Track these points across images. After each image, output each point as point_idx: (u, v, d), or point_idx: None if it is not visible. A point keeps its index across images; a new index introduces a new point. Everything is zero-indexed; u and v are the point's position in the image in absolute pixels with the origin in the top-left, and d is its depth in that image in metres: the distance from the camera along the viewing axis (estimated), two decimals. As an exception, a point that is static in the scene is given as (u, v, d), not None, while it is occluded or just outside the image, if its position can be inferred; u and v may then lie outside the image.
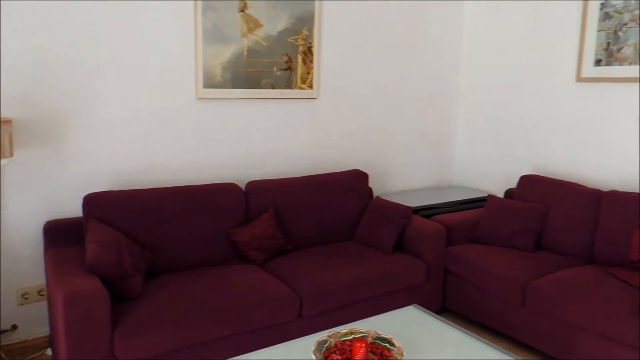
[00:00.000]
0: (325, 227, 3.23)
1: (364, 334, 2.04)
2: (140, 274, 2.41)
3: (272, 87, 3.27)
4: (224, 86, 3.10)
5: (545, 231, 3.19)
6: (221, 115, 3.16)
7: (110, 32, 2.74)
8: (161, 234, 2.70)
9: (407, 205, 3.26)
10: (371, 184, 3.83)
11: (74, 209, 2.78)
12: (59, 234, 2.62)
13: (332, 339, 2.00)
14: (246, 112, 3.24)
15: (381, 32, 3.73)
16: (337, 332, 2.04)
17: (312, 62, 3.39)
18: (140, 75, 2.86)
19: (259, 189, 3.07)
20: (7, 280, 2.67)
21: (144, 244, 2.64)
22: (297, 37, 3.30)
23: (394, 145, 3.98)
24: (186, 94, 3.02)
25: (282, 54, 3.27)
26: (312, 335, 2.14)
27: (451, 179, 4.38)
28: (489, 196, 3.45)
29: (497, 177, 4.00)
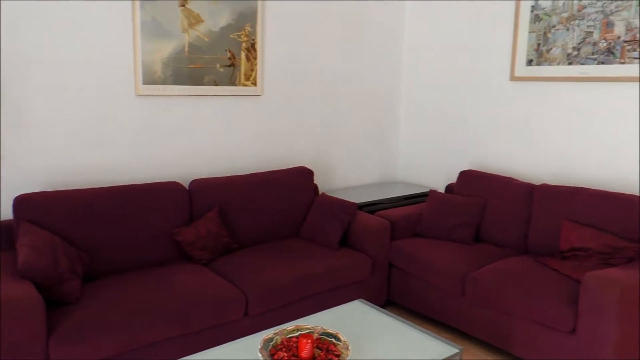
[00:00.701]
0: (271, 224, 3.23)
1: (310, 330, 2.05)
2: (77, 277, 2.31)
3: (215, 84, 3.22)
4: (164, 82, 3.02)
5: (483, 224, 3.32)
6: (162, 112, 3.08)
7: (43, 26, 2.60)
8: (100, 236, 2.61)
9: (352, 201, 3.31)
10: (317, 180, 3.86)
11: (5, 212, 2.63)
12: (-13, 238, 2.47)
13: (278, 337, 2.00)
14: (189, 110, 3.18)
15: (325, 29, 3.75)
16: (284, 330, 2.05)
17: (255, 58, 3.37)
18: (75, 70, 2.74)
19: (203, 187, 3.02)
20: None
21: (81, 247, 2.54)
22: (240, 33, 3.27)
23: (339, 142, 4.02)
24: (125, 91, 2.92)
25: (225, 50, 3.22)
26: (258, 333, 2.13)
27: (395, 175, 4.48)
28: (430, 191, 3.55)
29: (438, 173, 4.13)
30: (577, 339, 2.35)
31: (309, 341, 1.87)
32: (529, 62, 3.36)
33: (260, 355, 1.85)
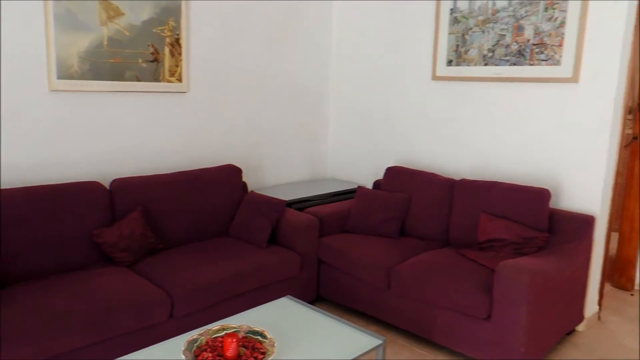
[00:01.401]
0: (198, 223, 3.17)
1: (236, 329, 2.04)
2: (-16, 285, 2.16)
3: (138, 80, 3.11)
4: (82, 78, 2.88)
5: (408, 218, 3.43)
6: (80, 108, 2.93)
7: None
8: (11, 240, 2.45)
9: (281, 198, 3.31)
10: (246, 178, 3.82)
11: None
12: None
13: (203, 337, 1.97)
14: (110, 106, 3.05)
15: (252, 26, 3.72)
16: (209, 330, 2.02)
17: (180, 54, 3.29)
18: (-21, 63, 2.55)
19: (126, 186, 2.91)
20: None
21: (-11, 252, 2.38)
22: (163, 27, 3.17)
23: (268, 139, 4.01)
24: (37, 86, 2.75)
25: (148, 45, 3.12)
26: (183, 335, 2.09)
27: (324, 171, 4.53)
28: (358, 187, 3.63)
29: (367, 169, 4.22)
30: (492, 325, 2.49)
31: (234, 340, 1.86)
32: (449, 63, 3.51)
33: (183, 356, 1.81)
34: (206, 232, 3.21)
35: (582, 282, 2.95)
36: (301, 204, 3.64)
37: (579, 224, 2.89)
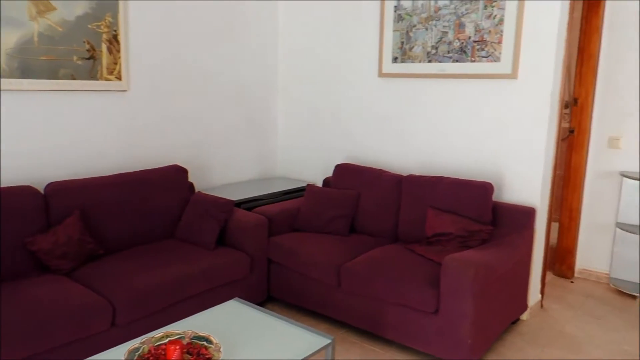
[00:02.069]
0: (143, 226, 3.06)
1: (180, 335, 1.97)
2: None
3: (73, 78, 2.96)
4: (10, 76, 2.71)
5: (358, 215, 3.44)
6: (8, 109, 2.76)
7: None
8: None
9: (229, 198, 3.24)
10: (193, 179, 3.72)
11: None
12: None
13: (145, 345, 1.89)
14: (42, 106, 2.89)
15: (197, 23, 3.63)
16: (151, 337, 1.94)
17: (119, 51, 3.16)
18: None
19: (62, 190, 2.77)
20: None
21: None
22: (99, 23, 3.04)
23: (215, 138, 3.92)
24: (-40, 85, 2.57)
25: (83, 42, 2.98)
26: (124, 344, 2.00)
27: (274, 170, 4.48)
28: (307, 185, 3.61)
29: (316, 167, 4.20)
30: (440, 318, 2.53)
31: (177, 347, 1.79)
32: (395, 60, 3.54)
33: (123, 367, 1.73)
34: (151, 235, 3.10)
35: (525, 272, 3.05)
36: (250, 204, 3.58)
37: (520, 216, 2.98)
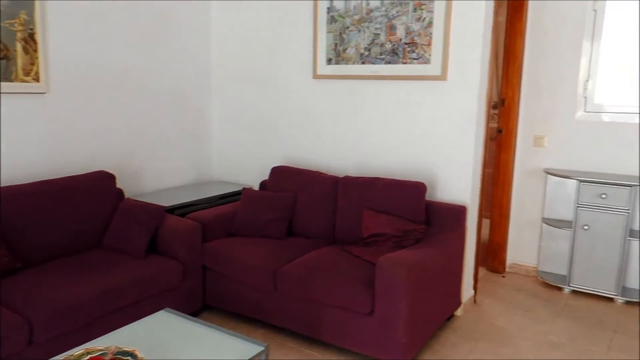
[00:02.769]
0: (67, 236, 2.89)
1: (102, 351, 1.86)
2: None
3: (-16, 80, 2.76)
4: None
5: (295, 218, 3.40)
6: None
7: None
8: None
9: (160, 204, 3.12)
10: (123, 185, 3.56)
11: None
12: None
13: (62, 365, 1.78)
14: (-52, 110, 2.67)
15: (125, 24, 3.47)
16: (70, 355, 1.82)
17: (36, 51, 2.97)
18: None
19: (-28, 201, 2.56)
20: None
21: None
22: (13, 21, 2.84)
23: (147, 142, 3.77)
24: None
25: (-5, 41, 2.78)
26: (40, 364, 1.87)
27: (211, 174, 4.38)
28: (243, 189, 3.54)
29: (254, 170, 4.14)
30: (375, 319, 2.53)
31: (98, 365, 1.69)
32: (329, 61, 3.54)
33: (36, 390, 1.61)
34: (76, 245, 2.93)
35: (457, 268, 3.12)
36: (184, 209, 3.47)
37: (452, 214, 3.04)
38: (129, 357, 1.83)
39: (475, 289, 3.49)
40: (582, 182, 3.47)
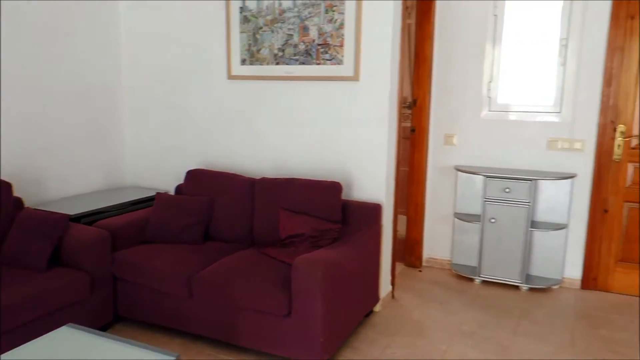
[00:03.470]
0: (-45, 252, 2.63)
1: (-9, 376, 1.71)
2: None
3: None
4: None
5: (212, 222, 3.32)
6: None
7: None
8: None
9: (64, 213, 2.93)
10: (23, 193, 3.30)
11: None
12: None
13: (-57, 395, 1.61)
14: None
15: (24, 20, 3.22)
16: (-47, 384, 1.66)
17: None
18: None
19: None
20: None
21: None
22: None
23: (51, 147, 3.53)
24: None
25: None
26: None
27: (124, 179, 4.17)
28: (157, 194, 3.41)
29: (169, 174, 3.99)
30: (292, 321, 2.52)
31: (-17, 391, 1.54)
32: (243, 62, 3.49)
33: None
34: (-34, 261, 2.68)
35: (375, 265, 3.18)
36: (92, 217, 3.28)
37: (368, 212, 3.10)
38: (23, 380, 1.70)
39: (393, 284, 3.58)
40: (488, 177, 3.66)
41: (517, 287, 3.73)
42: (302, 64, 3.28)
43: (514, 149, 3.79)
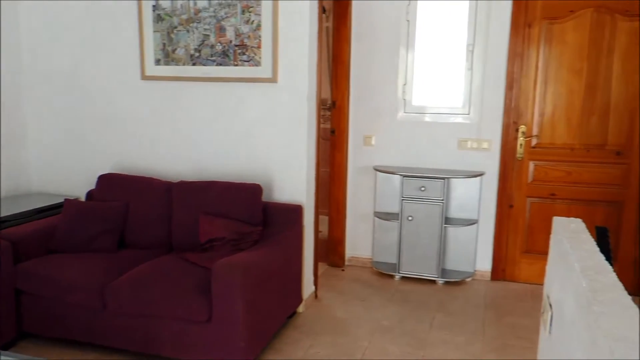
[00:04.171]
0: None
1: None
2: None
3: None
4: None
5: (127, 229, 3.18)
6: None
7: None
8: None
9: (-42, 224, 2.69)
10: None
11: None
12: None
13: None
14: None
15: None
16: None
17: None
18: None
19: None
20: None
21: None
22: None
23: (-61, 152, 3.22)
24: None
25: None
26: None
27: (29, 185, 3.89)
28: (65, 200, 3.21)
29: (81, 179, 3.76)
30: (213, 326, 2.47)
31: None
32: (158, 62, 3.38)
33: None
34: None
35: (297, 266, 3.19)
36: (-8, 228, 3.03)
37: (289, 214, 3.11)
38: None
39: (316, 284, 3.61)
40: (404, 177, 3.80)
41: (433, 282, 3.90)
42: (220, 65, 3.23)
43: (428, 149, 3.96)
